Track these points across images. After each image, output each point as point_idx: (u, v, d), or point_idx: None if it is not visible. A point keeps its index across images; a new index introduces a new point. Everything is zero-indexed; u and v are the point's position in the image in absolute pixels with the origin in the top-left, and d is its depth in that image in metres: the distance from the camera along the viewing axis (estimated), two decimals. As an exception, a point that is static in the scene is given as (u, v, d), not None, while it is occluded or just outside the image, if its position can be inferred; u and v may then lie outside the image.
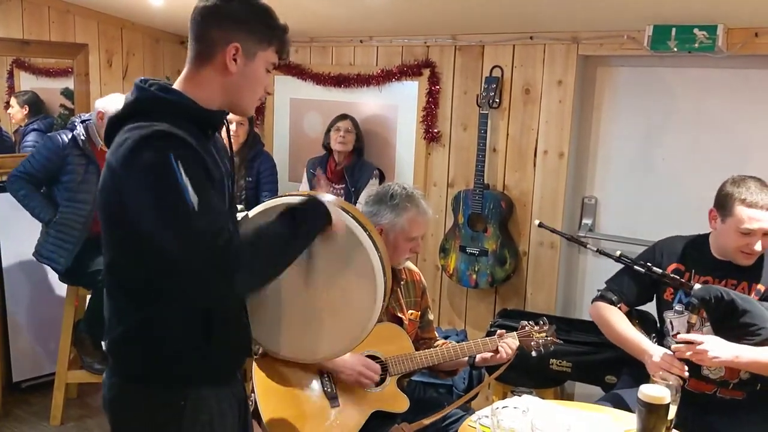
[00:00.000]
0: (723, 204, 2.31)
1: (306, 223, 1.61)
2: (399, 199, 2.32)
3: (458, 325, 3.88)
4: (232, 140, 3.82)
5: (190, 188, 1.39)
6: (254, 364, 2.24)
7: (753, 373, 2.29)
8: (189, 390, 1.56)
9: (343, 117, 3.90)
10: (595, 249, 2.44)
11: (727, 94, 3.18)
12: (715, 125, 3.22)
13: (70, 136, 3.33)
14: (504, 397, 3.18)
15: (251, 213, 1.79)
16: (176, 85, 1.56)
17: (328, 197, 1.75)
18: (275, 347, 1.86)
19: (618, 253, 2.38)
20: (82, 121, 3.38)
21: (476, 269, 3.62)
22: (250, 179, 3.77)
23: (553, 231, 2.66)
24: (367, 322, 1.78)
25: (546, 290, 3.59)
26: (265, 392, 2.19)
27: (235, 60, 1.54)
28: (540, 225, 2.57)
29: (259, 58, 1.57)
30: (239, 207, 2.62)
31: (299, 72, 4.25)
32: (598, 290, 2.58)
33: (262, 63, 1.58)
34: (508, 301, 3.70)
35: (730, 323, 2.19)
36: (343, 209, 1.74)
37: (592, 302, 2.58)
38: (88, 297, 3.53)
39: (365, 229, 1.75)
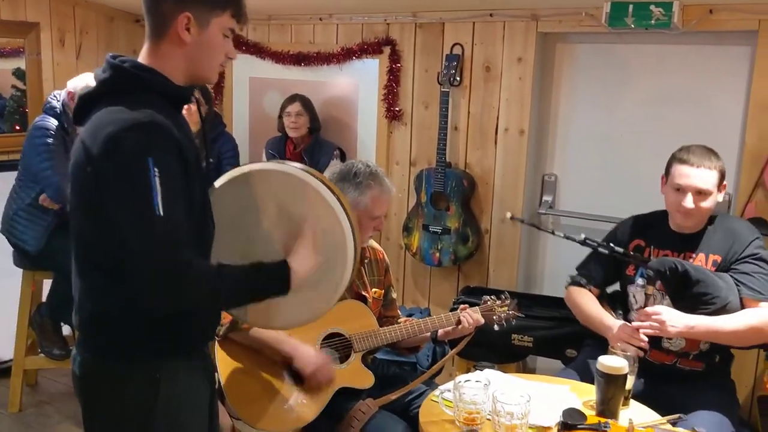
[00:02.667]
0: (667, 167, 2.39)
1: (267, 289, 1.61)
2: (362, 177, 2.31)
3: (422, 303, 3.90)
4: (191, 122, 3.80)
5: (159, 195, 1.39)
6: (216, 346, 2.23)
7: (713, 345, 2.35)
8: (163, 363, 1.55)
9: (292, 99, 3.85)
10: (562, 235, 2.47)
11: (684, 70, 3.23)
12: (672, 101, 3.27)
13: (55, 121, 3.23)
14: (467, 372, 3.21)
15: (217, 183, 1.76)
16: (141, 62, 1.54)
17: (295, 164, 1.75)
18: (243, 314, 1.82)
19: (582, 236, 2.42)
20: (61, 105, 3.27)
21: (439, 247, 3.64)
22: (212, 161, 3.71)
23: (523, 222, 2.70)
24: (335, 292, 1.75)
25: (508, 267, 3.62)
26: (228, 372, 2.18)
27: (188, 30, 1.52)
28: (512, 218, 2.60)
29: (214, 24, 1.55)
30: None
31: (258, 50, 4.19)
32: (570, 276, 2.63)
33: (218, 29, 1.56)
34: (471, 279, 3.73)
35: (686, 293, 2.25)
36: (312, 175, 1.72)
37: (565, 288, 2.62)
38: (48, 281, 3.47)
39: (339, 200, 1.73)
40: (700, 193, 2.29)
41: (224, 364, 2.19)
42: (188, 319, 1.58)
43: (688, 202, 2.30)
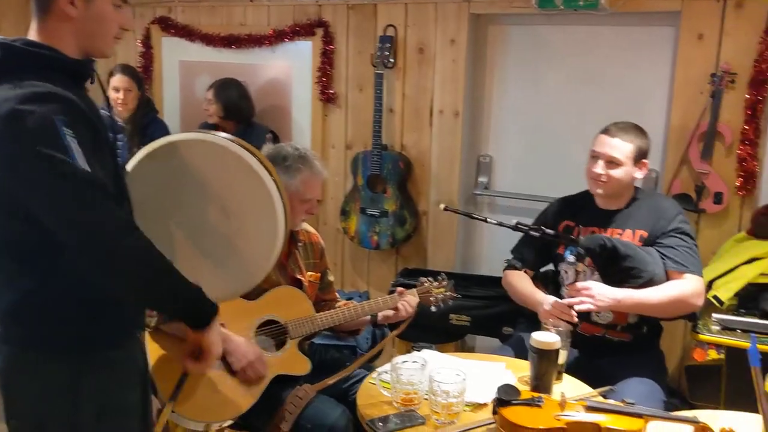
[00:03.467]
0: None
1: (194, 309, 1.58)
2: (292, 161, 2.27)
3: (361, 287, 3.89)
4: (119, 107, 3.68)
5: (80, 153, 1.34)
6: (147, 336, 2.16)
7: (640, 317, 2.42)
8: (89, 354, 1.50)
9: (209, 86, 3.80)
10: (495, 222, 2.50)
11: (612, 51, 3.29)
12: (600, 82, 3.33)
13: None
14: (407, 353, 3.23)
15: (136, 158, 1.70)
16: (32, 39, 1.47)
17: (223, 135, 1.70)
18: None
19: (515, 221, 2.46)
20: None
21: (377, 230, 3.64)
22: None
23: (456, 212, 2.75)
24: (266, 261, 1.73)
25: (446, 248, 3.65)
26: (159, 363, 2.12)
27: (72, 3, 1.45)
28: (445, 209, 2.62)
29: None
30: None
31: (188, 33, 4.09)
32: (506, 260, 2.66)
33: (106, 1, 1.49)
34: (409, 261, 3.74)
35: (614, 268, 2.31)
36: (242, 146, 1.68)
37: (503, 272, 2.65)
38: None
39: (269, 173, 1.70)
40: (612, 162, 2.38)
41: (155, 355, 2.13)
42: (114, 308, 1.52)
43: (598, 167, 2.39)
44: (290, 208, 2.24)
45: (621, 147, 2.38)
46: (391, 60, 3.53)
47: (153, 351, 2.14)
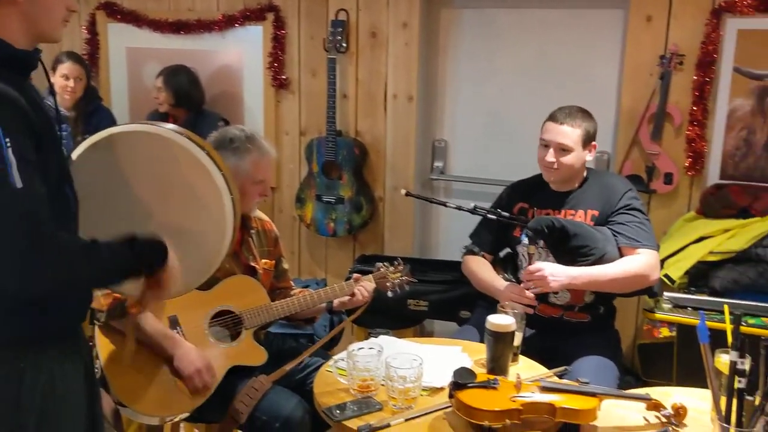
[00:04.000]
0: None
1: (139, 265, 1.50)
2: (239, 142, 2.23)
3: (319, 274, 3.86)
4: (67, 96, 3.59)
5: (14, 166, 1.27)
6: (97, 332, 2.11)
7: (596, 297, 2.45)
8: (28, 351, 1.44)
9: (158, 74, 3.71)
10: (453, 206, 2.50)
11: (563, 34, 3.31)
12: (552, 65, 3.35)
13: None
14: (366, 340, 3.22)
15: (77, 151, 1.64)
16: None
17: (168, 126, 1.67)
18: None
19: (472, 205, 2.47)
20: None
21: (333, 217, 3.61)
22: (88, 136, 3.55)
23: (418, 197, 2.76)
24: (219, 252, 1.69)
25: (403, 234, 3.64)
26: (110, 359, 2.08)
27: None
28: (407, 194, 2.61)
29: None
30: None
31: (134, 19, 3.98)
32: (464, 246, 2.66)
33: None
34: (366, 247, 3.72)
35: (565, 248, 2.33)
36: (186, 137, 1.64)
37: (462, 258, 2.66)
38: None
39: (215, 163, 1.66)
40: (562, 149, 2.39)
41: (106, 350, 2.08)
42: (52, 302, 1.47)
43: (550, 155, 2.41)
44: (242, 192, 2.21)
45: (569, 133, 2.39)
46: (344, 44, 3.49)
47: (103, 347, 2.10)
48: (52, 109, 1.56)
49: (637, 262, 2.32)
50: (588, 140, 2.43)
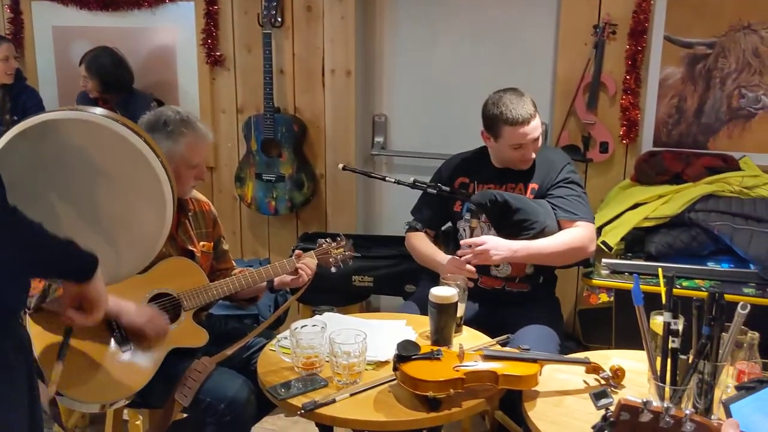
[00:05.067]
0: (490, 126, 2.42)
1: (67, 270, 1.50)
2: (174, 125, 2.16)
3: (262, 254, 3.82)
4: (5, 77, 3.48)
5: None
6: (28, 319, 2.03)
7: (536, 268, 2.48)
8: None
9: (81, 61, 3.56)
10: (393, 180, 2.48)
11: (498, 3, 3.30)
12: (489, 36, 3.35)
13: None
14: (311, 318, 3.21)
15: (11, 133, 1.57)
16: None
17: (98, 110, 1.62)
18: None
19: (412, 180, 2.46)
20: None
21: (274, 196, 3.56)
22: (16, 117, 3.44)
23: (355, 171, 2.74)
24: (158, 236, 1.67)
25: (346, 210, 3.62)
26: (44, 347, 2.00)
27: None
28: (344, 168, 2.58)
29: None
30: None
31: (59, -5, 3.82)
32: (406, 222, 2.65)
33: None
34: (309, 225, 3.69)
35: (507, 222, 2.35)
36: (118, 121, 1.60)
37: (405, 234, 2.65)
38: None
39: (149, 146, 1.63)
40: (536, 139, 2.40)
41: (39, 339, 2.00)
42: None
43: (528, 152, 2.41)
44: (178, 176, 2.16)
45: (537, 124, 2.39)
46: (279, 19, 3.42)
47: (36, 335, 2.02)
48: None
49: (576, 235, 2.36)
50: None
